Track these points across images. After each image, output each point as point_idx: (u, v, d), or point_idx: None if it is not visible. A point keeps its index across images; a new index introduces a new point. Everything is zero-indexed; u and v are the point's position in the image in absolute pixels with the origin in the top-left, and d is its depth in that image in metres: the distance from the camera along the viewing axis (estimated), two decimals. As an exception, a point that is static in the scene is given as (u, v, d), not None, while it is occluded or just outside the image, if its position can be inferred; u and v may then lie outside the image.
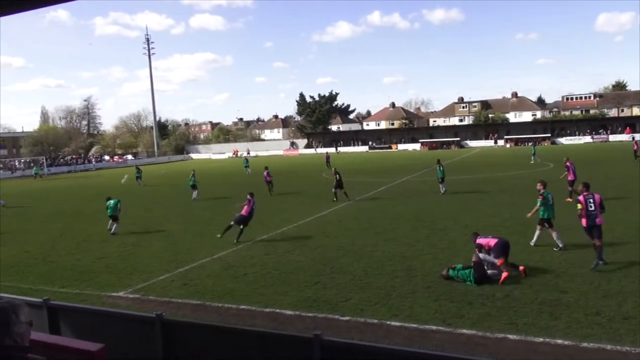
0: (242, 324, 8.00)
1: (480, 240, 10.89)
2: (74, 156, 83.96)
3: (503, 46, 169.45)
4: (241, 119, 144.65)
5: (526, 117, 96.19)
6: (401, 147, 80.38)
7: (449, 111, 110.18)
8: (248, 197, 15.88)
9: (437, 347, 7.19)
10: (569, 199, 18.49)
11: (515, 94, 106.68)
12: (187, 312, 9.22)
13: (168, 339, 6.09)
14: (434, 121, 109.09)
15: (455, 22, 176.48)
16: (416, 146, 78.34)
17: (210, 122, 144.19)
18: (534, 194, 19.72)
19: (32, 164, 66.63)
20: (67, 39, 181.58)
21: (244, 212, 15.48)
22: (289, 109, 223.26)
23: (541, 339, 7.21)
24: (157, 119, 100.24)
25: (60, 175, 63.18)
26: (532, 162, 39.38)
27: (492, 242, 10.65)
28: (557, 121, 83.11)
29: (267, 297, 9.76)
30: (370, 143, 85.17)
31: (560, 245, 11.95)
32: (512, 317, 8.05)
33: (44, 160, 70.27)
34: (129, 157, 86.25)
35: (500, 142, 74.60)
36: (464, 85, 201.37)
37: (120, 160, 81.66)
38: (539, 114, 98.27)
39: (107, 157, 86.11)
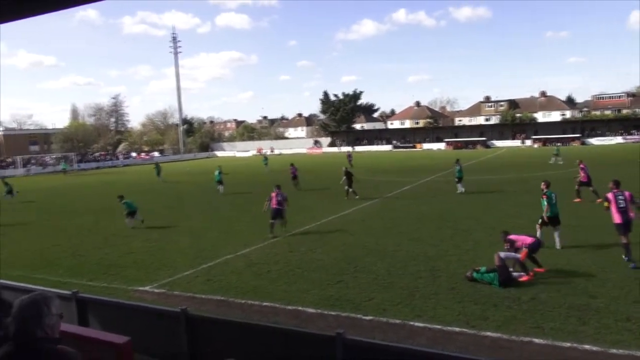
0: (265, 321, 8.05)
1: (513, 237, 10.79)
2: (102, 152, 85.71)
3: (532, 44, 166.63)
4: (265, 117, 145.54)
5: (555, 116, 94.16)
6: (425, 146, 79.62)
7: (474, 110, 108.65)
8: (272, 193, 16.15)
9: (461, 349, 7.10)
10: (578, 199, 19.16)
11: (543, 93, 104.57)
12: (210, 308, 9.31)
13: (192, 333, 6.17)
14: (460, 120, 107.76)
15: (483, 19, 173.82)
16: (441, 145, 77.48)
17: (235, 120, 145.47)
18: (562, 195, 19.34)
19: (62, 160, 68.34)
20: (96, 37, 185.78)
21: (273, 205, 15.80)
22: (313, 107, 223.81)
23: (568, 344, 7.05)
24: (183, 116, 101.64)
25: (89, 171, 64.67)
26: (552, 162, 38.64)
27: (528, 240, 10.57)
28: (587, 121, 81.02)
29: (290, 295, 9.80)
30: (394, 142, 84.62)
31: (558, 247, 12.19)
32: (538, 321, 7.89)
33: (74, 157, 72.00)
34: (156, 154, 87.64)
35: (528, 142, 73.20)
36: (490, 84, 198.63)
37: (146, 157, 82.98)
38: (568, 114, 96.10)
39: (134, 154, 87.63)
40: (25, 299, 2.84)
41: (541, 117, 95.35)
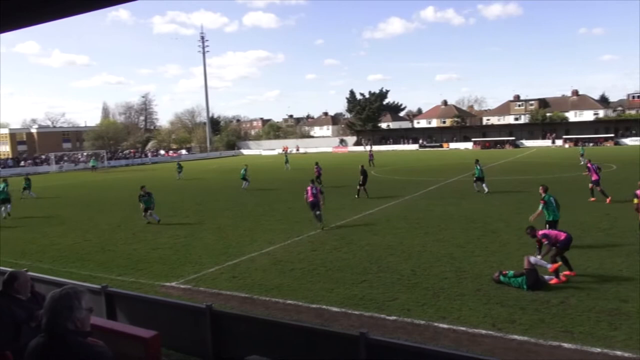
0: (289, 319, 8.09)
1: (548, 232, 10.58)
2: (131, 150, 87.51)
3: (564, 42, 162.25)
4: (291, 116, 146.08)
5: (587, 116, 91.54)
6: (453, 145, 78.59)
7: (503, 109, 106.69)
8: (308, 187, 17.13)
9: (487, 352, 7.00)
10: (592, 199, 19.53)
11: (575, 92, 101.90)
12: (235, 304, 9.41)
13: (217, 329, 6.25)
14: (488, 119, 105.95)
15: (513, 17, 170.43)
16: (468, 145, 76.38)
17: (261, 118, 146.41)
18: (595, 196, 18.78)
19: (92, 157, 70.08)
20: (127, 37, 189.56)
21: (310, 199, 16.67)
22: (339, 106, 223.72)
23: (598, 350, 6.86)
24: (210, 115, 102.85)
25: (119, 168, 66.13)
26: (582, 163, 37.58)
27: (562, 235, 10.34)
28: (621, 120, 78.53)
29: (314, 293, 9.82)
30: (420, 141, 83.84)
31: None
32: (567, 325, 7.71)
33: (105, 154, 73.72)
34: (183, 151, 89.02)
35: (559, 142, 71.49)
36: (520, 83, 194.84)
37: (174, 154, 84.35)
38: (601, 113, 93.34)
39: (162, 152, 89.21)
40: (56, 292, 2.92)
41: (573, 116, 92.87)
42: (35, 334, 3.09)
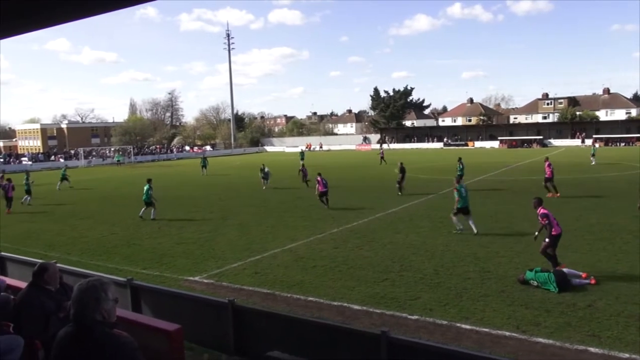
0: (310, 316, 8.11)
1: (549, 214, 10.54)
2: (157, 146, 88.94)
3: (596, 38, 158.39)
4: (315, 113, 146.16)
5: (619, 115, 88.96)
6: (478, 144, 77.47)
7: (531, 108, 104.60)
8: (318, 178, 20.36)
9: (510, 354, 6.89)
10: (550, 194, 20.43)
11: (607, 90, 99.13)
12: (257, 300, 9.48)
13: (239, 324, 6.31)
14: (515, 118, 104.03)
15: (543, 13, 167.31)
16: (494, 144, 75.18)
17: (285, 115, 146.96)
18: (625, 198, 18.38)
19: (118, 152, 71.45)
20: (154, 34, 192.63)
21: (321, 189, 20.07)
22: (363, 103, 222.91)
23: (627, 355, 6.68)
24: (235, 111, 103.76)
25: (145, 164, 67.25)
26: (594, 163, 36.73)
27: (558, 229, 10.40)
28: (655, 120, 76.23)
29: (335, 291, 9.82)
30: (445, 140, 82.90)
31: (475, 232, 14.15)
32: (594, 329, 7.52)
33: (132, 149, 75.09)
34: (208, 148, 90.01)
35: (588, 142, 69.71)
36: (549, 81, 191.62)
37: (199, 151, 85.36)
38: (634, 112, 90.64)
39: (187, 148, 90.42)
40: (84, 283, 2.99)
41: (604, 115, 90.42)
42: (63, 325, 3.17)
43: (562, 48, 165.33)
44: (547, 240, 10.47)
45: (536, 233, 11.04)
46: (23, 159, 69.48)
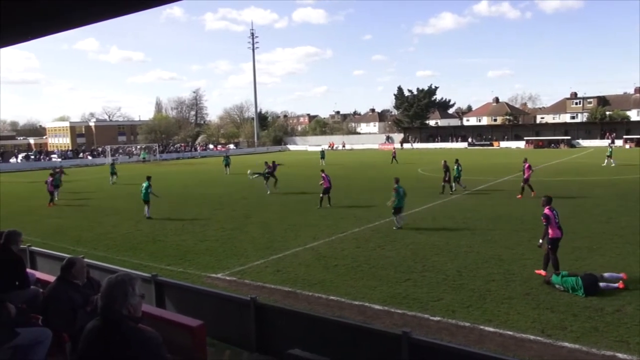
0: (331, 315, 8.11)
1: (550, 215, 10.26)
2: (182, 144, 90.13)
3: (627, 36, 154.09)
4: (338, 112, 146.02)
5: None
6: (503, 144, 76.23)
7: (559, 107, 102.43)
8: (323, 174, 20.93)
9: (535, 358, 6.77)
10: (519, 196, 21.30)
11: (639, 89, 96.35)
12: (278, 298, 9.52)
13: (260, 321, 6.34)
14: (542, 118, 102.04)
15: (572, 10, 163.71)
16: (520, 144, 73.83)
17: (308, 114, 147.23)
18: None
19: (143, 150, 72.63)
20: (180, 34, 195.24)
21: (326, 185, 20.54)
22: (386, 102, 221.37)
23: (657, 362, 6.49)
24: (258, 110, 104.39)
25: (170, 161, 68.22)
26: (605, 164, 35.68)
27: (554, 233, 10.17)
28: (689, 120, 73.73)
29: (357, 290, 9.80)
30: (469, 139, 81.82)
31: (399, 225, 15.38)
32: (623, 335, 7.33)
33: (157, 147, 76.27)
34: (231, 146, 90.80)
35: (619, 142, 67.84)
36: (578, 80, 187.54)
37: (223, 149, 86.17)
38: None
39: (211, 146, 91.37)
40: (112, 278, 3.05)
41: (635, 115, 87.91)
42: (90, 319, 3.24)
43: (592, 46, 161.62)
44: (548, 245, 10.26)
45: (540, 241, 10.68)
46: (53, 156, 71.28)
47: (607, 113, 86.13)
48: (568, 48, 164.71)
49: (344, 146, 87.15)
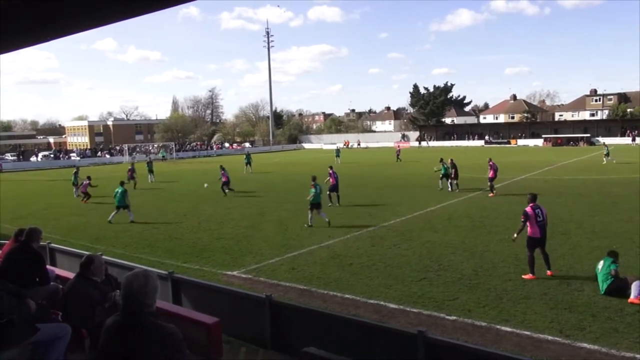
0: (346, 313, 8.10)
1: (530, 213, 10.14)
2: (198, 143, 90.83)
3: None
4: (353, 110, 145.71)
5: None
6: (521, 142, 75.28)
7: (578, 104, 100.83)
8: (330, 171, 20.81)
9: (552, 358, 6.68)
10: (491, 194, 21.52)
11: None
12: (293, 296, 9.54)
13: (275, 319, 6.37)
14: (560, 115, 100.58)
15: (592, 5, 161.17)
16: (538, 142, 72.83)
17: (323, 112, 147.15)
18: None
19: (162, 148, 73.37)
20: (197, 33, 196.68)
21: (333, 182, 20.38)
22: (402, 100, 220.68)
23: (680, 364, 6.36)
24: (273, 109, 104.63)
25: (186, 160, 68.84)
26: (605, 162, 35.22)
27: (534, 228, 10.05)
28: None
29: (372, 289, 9.78)
30: (486, 137, 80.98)
31: (327, 220, 16.14)
32: (644, 336, 7.19)
33: (174, 146, 76.99)
34: (247, 144, 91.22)
35: None
36: (597, 77, 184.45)
37: (238, 147, 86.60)
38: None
39: (227, 145, 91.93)
40: (131, 275, 3.09)
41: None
42: (108, 315, 3.29)
43: (612, 42, 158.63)
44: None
45: (515, 235, 10.65)
46: (72, 154, 72.47)
47: (628, 110, 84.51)
48: (588, 44, 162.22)
49: (359, 144, 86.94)
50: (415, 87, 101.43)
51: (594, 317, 7.98)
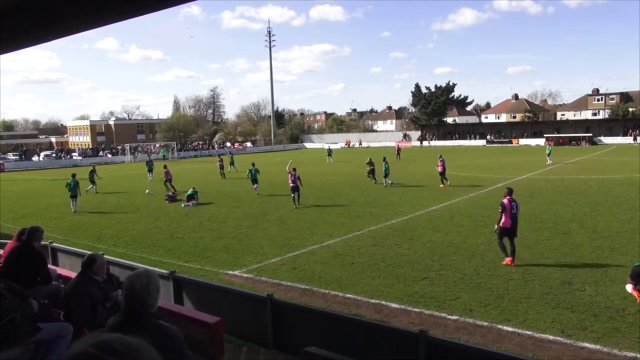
0: (348, 313, 8.11)
1: (506, 204, 10.95)
2: (200, 142, 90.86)
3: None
4: (355, 110, 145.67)
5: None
6: (523, 142, 75.09)
7: (580, 104, 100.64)
8: (290, 173, 20.62)
9: (554, 358, 6.68)
10: (442, 185, 24.86)
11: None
12: (294, 295, 9.55)
13: (277, 318, 6.38)
14: (562, 115, 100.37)
15: (596, 4, 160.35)
16: (540, 141, 72.61)
17: (325, 112, 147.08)
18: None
19: (163, 147, 73.43)
20: (198, 32, 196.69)
21: (291, 184, 20.45)
22: (404, 100, 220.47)
23: (682, 364, 6.35)
24: (275, 108, 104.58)
25: (188, 159, 68.86)
26: (549, 162, 35.68)
27: (508, 221, 10.83)
28: None
29: (373, 288, 9.78)
30: (488, 137, 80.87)
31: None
32: (646, 336, 7.18)
33: (175, 145, 77.03)
34: (248, 144, 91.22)
35: (642, 140, 66.35)
36: (600, 76, 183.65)
37: (240, 147, 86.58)
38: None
39: (228, 144, 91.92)
40: (133, 275, 3.09)
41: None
42: (110, 314, 3.29)
43: (616, 41, 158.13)
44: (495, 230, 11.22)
45: (495, 226, 11.34)
46: (74, 154, 72.56)
47: (630, 110, 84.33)
48: (591, 43, 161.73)
49: (360, 144, 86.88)
50: (417, 86, 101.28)
51: (596, 316, 7.97)
